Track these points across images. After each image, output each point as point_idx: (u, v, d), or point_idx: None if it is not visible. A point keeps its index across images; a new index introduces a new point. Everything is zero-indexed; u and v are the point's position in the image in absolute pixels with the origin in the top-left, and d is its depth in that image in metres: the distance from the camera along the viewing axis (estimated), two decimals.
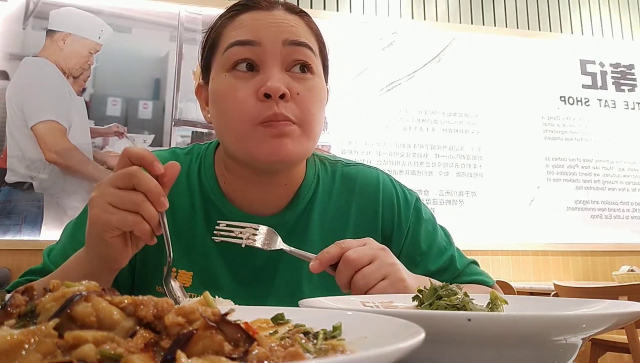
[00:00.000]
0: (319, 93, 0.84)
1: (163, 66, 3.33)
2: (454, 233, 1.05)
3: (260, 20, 0.82)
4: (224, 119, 0.81)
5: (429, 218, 0.99)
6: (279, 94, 0.77)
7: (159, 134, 3.25)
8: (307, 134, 0.81)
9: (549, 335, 0.42)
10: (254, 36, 0.80)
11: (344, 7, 3.72)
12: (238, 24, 0.83)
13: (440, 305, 0.55)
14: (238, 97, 0.78)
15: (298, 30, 0.83)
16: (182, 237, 0.87)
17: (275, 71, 0.79)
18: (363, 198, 0.95)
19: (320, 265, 0.73)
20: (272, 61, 0.79)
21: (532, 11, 4.08)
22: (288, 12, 0.85)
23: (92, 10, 3.27)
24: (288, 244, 0.81)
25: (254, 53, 0.79)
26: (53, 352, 0.27)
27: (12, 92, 3.09)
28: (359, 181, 0.96)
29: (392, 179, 1.00)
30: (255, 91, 0.78)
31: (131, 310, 0.32)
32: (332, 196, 0.94)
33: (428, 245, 0.95)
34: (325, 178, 0.95)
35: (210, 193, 0.89)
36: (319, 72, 0.86)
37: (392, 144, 3.59)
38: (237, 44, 0.80)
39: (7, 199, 2.98)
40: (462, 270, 0.96)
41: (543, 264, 3.64)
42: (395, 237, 0.94)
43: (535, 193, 3.74)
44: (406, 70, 3.72)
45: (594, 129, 3.97)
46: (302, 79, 0.81)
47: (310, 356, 0.34)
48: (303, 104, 0.80)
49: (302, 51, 0.81)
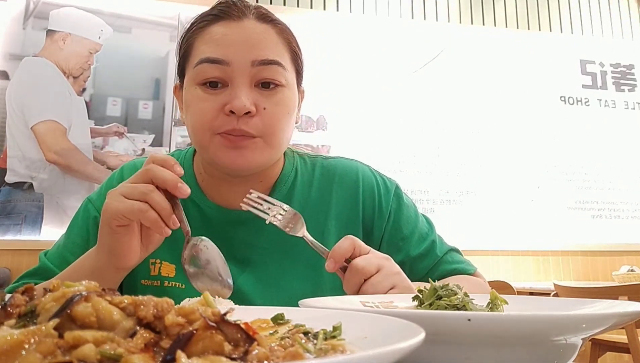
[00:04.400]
0: (286, 105, 0.87)
1: (163, 66, 3.33)
2: (454, 233, 1.06)
3: (229, 34, 0.84)
4: (190, 127, 0.87)
5: (410, 205, 1.01)
6: (243, 113, 0.81)
7: (159, 134, 3.25)
8: (271, 144, 0.85)
9: (549, 335, 0.42)
10: (222, 55, 0.83)
11: (344, 7, 3.72)
12: (208, 38, 0.86)
13: (440, 305, 0.56)
14: (204, 109, 0.83)
15: (267, 44, 0.85)
16: None
17: (243, 88, 0.82)
18: (343, 187, 0.98)
19: (335, 264, 0.75)
20: (240, 79, 0.82)
21: (532, 11, 4.08)
22: (259, 21, 0.87)
23: (92, 11, 3.27)
24: (269, 235, 0.88)
25: (223, 72, 0.83)
26: (53, 352, 0.27)
27: (12, 92, 3.09)
28: (338, 171, 0.99)
29: (371, 169, 1.03)
30: (222, 105, 0.82)
31: (131, 310, 0.32)
32: (312, 187, 0.97)
33: (410, 230, 0.97)
34: (304, 171, 0.99)
35: (191, 193, 0.92)
36: (289, 83, 0.88)
37: (392, 144, 3.59)
38: (207, 61, 0.83)
39: (7, 199, 2.98)
40: (442, 256, 0.97)
41: (543, 264, 3.64)
42: (376, 223, 0.97)
43: (535, 193, 3.74)
44: (406, 70, 3.72)
45: (594, 129, 3.97)
46: (269, 95, 0.85)
47: (310, 356, 0.34)
48: (268, 118, 0.83)
49: (270, 69, 0.84)
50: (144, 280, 0.90)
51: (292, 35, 0.92)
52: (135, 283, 0.89)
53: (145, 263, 0.87)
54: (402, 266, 0.80)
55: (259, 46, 0.84)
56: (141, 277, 0.90)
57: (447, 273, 0.96)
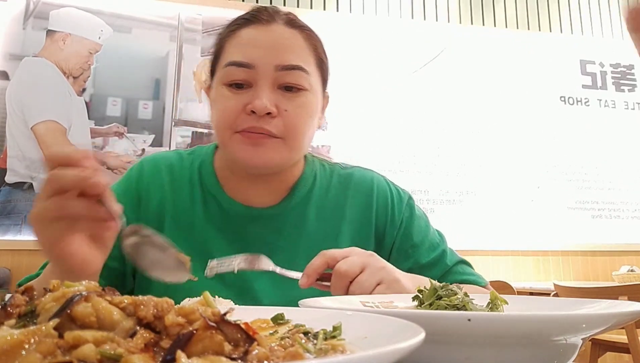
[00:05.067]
0: (308, 109, 0.89)
1: (163, 66, 3.33)
2: (454, 233, 1.06)
3: (257, 39, 0.88)
4: (214, 124, 0.91)
5: (422, 216, 1.04)
6: (264, 113, 0.84)
7: (159, 134, 3.25)
8: (291, 146, 0.88)
9: (549, 335, 0.42)
10: (248, 58, 0.86)
11: (344, 7, 3.72)
12: (237, 41, 0.90)
13: (440, 305, 0.56)
14: (228, 108, 0.87)
15: (294, 49, 0.88)
16: (181, 226, 0.93)
17: (266, 90, 0.85)
18: (358, 195, 1.01)
19: (308, 279, 0.76)
20: (264, 81, 0.86)
21: (532, 11, 4.08)
22: (287, 27, 0.90)
23: (92, 11, 3.27)
24: (285, 234, 0.92)
25: (248, 74, 0.86)
26: (53, 352, 0.27)
27: (12, 92, 3.09)
28: (354, 179, 1.03)
29: (386, 179, 1.06)
30: (244, 105, 0.85)
31: (131, 310, 0.32)
32: (329, 192, 1.00)
33: (420, 239, 0.99)
34: (322, 176, 1.02)
35: (210, 188, 0.95)
36: (313, 87, 0.91)
37: (392, 144, 3.59)
38: (234, 64, 0.87)
39: (7, 199, 2.98)
40: (451, 266, 0.98)
41: (543, 264, 3.64)
42: (388, 231, 0.99)
43: (535, 193, 3.74)
44: (406, 70, 3.72)
45: (594, 129, 3.97)
46: (291, 97, 0.87)
47: (310, 356, 0.34)
48: (289, 120, 0.86)
49: (294, 75, 0.87)
50: None
51: (320, 41, 0.95)
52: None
53: None
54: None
55: (284, 51, 0.87)
56: None
57: (457, 283, 0.96)
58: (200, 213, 0.94)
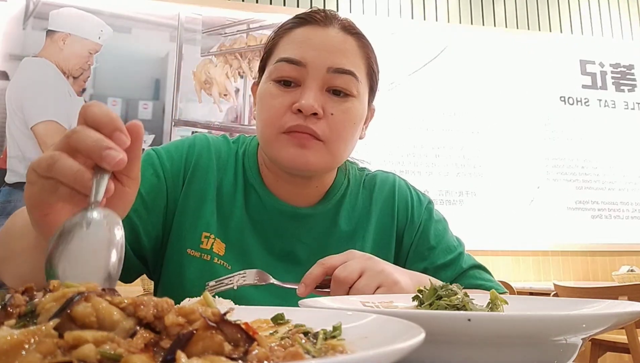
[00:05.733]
0: (354, 115, 0.89)
1: (163, 66, 3.33)
2: (454, 233, 1.06)
3: (311, 39, 0.88)
4: (259, 121, 0.90)
5: (440, 219, 1.06)
6: (310, 113, 0.83)
7: (159, 134, 3.25)
8: (332, 151, 0.88)
9: (549, 335, 0.42)
10: (300, 57, 0.86)
11: (344, 7, 3.72)
12: (291, 39, 0.89)
13: (440, 305, 0.55)
14: (274, 105, 0.86)
15: (347, 54, 0.88)
16: (222, 211, 0.94)
17: (314, 90, 0.85)
18: (381, 197, 1.03)
19: (306, 287, 0.76)
20: (313, 81, 0.85)
21: (532, 11, 4.08)
22: (342, 32, 0.90)
23: (92, 11, 3.27)
24: (317, 234, 0.94)
25: (298, 72, 0.86)
26: (53, 352, 0.27)
27: (12, 93, 3.09)
28: (377, 182, 1.05)
29: (407, 183, 1.10)
30: (291, 104, 0.85)
31: (131, 310, 0.32)
32: (358, 197, 1.02)
33: (437, 241, 1.00)
34: (354, 182, 1.04)
35: (252, 179, 0.96)
36: (361, 96, 0.91)
37: (392, 144, 3.59)
38: (285, 60, 0.87)
39: (7, 200, 2.98)
40: (466, 269, 0.98)
41: (543, 264, 3.64)
42: (407, 232, 1.01)
43: (535, 193, 3.74)
44: (406, 70, 3.72)
45: (594, 129, 3.97)
46: (339, 101, 0.87)
47: (310, 356, 0.34)
48: (334, 124, 0.86)
49: (344, 79, 0.87)
50: (191, 250, 0.90)
51: (373, 51, 0.95)
52: (181, 250, 0.90)
53: (197, 233, 0.89)
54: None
55: (337, 54, 0.87)
56: (189, 246, 0.90)
57: (473, 288, 0.95)
58: (241, 202, 0.94)
